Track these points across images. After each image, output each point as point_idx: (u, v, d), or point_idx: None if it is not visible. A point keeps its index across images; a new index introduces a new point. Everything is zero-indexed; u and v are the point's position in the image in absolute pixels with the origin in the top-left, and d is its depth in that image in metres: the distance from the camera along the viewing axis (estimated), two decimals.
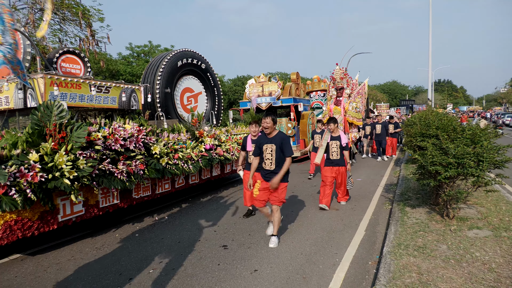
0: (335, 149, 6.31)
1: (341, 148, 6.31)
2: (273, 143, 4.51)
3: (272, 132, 4.58)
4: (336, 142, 6.30)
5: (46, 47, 14.09)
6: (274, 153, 4.50)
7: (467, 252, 3.86)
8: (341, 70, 11.17)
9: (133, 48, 31.52)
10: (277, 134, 4.58)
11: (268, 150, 4.54)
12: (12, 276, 3.96)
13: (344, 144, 6.27)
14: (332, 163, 6.38)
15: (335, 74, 11.17)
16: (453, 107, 52.72)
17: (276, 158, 4.51)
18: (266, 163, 4.56)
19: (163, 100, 9.88)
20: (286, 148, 4.46)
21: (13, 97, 6.31)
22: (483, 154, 4.45)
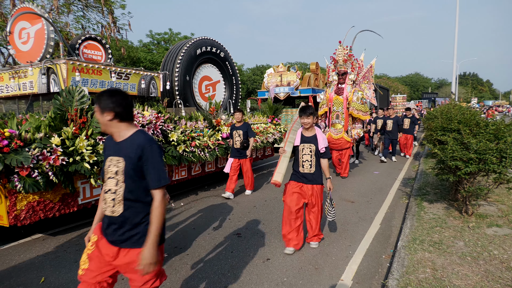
0: (308, 157, 4.05)
1: (317, 156, 4.07)
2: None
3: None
4: (310, 146, 4.03)
5: (69, 34, 14.36)
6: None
7: (485, 250, 3.78)
8: (345, 50, 8.56)
9: (153, 35, 31.81)
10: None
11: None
12: (33, 254, 4.12)
13: (322, 149, 4.03)
14: (302, 178, 4.09)
15: (337, 55, 8.59)
16: (477, 101, 51.09)
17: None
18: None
19: (181, 88, 9.95)
20: None
21: (37, 81, 6.49)
22: (506, 150, 4.31)
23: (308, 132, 4.09)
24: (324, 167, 4.10)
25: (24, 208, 4.07)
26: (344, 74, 8.50)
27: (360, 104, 8.33)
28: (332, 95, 8.53)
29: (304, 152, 4.05)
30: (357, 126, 8.70)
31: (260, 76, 39.86)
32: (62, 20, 15.20)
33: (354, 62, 8.64)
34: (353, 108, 8.34)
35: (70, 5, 15.54)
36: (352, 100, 8.31)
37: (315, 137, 4.05)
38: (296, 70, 13.77)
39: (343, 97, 8.35)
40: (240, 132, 6.61)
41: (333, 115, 8.44)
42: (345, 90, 8.37)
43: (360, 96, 8.34)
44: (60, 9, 14.55)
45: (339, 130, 8.26)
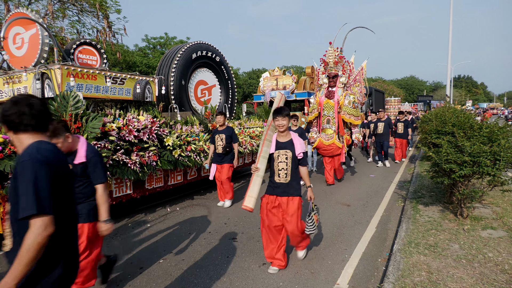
0: (283, 165, 3.61)
1: (294, 163, 3.62)
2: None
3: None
4: (286, 153, 3.59)
5: (64, 39, 14.32)
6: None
7: (480, 252, 3.79)
8: (335, 51, 7.99)
9: (149, 40, 31.81)
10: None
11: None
12: None
13: (300, 155, 3.61)
14: (277, 189, 3.67)
15: (328, 57, 8.04)
16: (472, 104, 51.47)
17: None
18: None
19: (177, 92, 9.95)
20: None
21: (31, 87, 6.45)
22: (500, 152, 4.34)
23: (283, 137, 3.66)
24: (303, 175, 3.71)
25: None
26: (335, 77, 7.99)
27: (351, 108, 7.84)
28: (322, 99, 8.03)
29: (280, 159, 3.60)
30: (355, 130, 8.32)
31: (256, 80, 39.94)
32: (57, 25, 15.17)
33: (345, 64, 8.20)
34: (344, 112, 7.84)
35: (65, 10, 15.53)
36: (343, 104, 7.85)
37: (291, 142, 3.62)
38: (291, 74, 13.80)
39: (334, 101, 7.87)
40: (222, 136, 6.23)
41: (324, 119, 7.97)
42: (336, 94, 7.89)
43: (352, 99, 7.89)
44: (55, 14, 14.52)
45: (330, 136, 7.78)
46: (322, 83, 8.24)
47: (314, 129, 8.25)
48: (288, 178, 3.61)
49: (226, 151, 6.19)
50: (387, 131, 10.74)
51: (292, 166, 3.60)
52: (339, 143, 7.72)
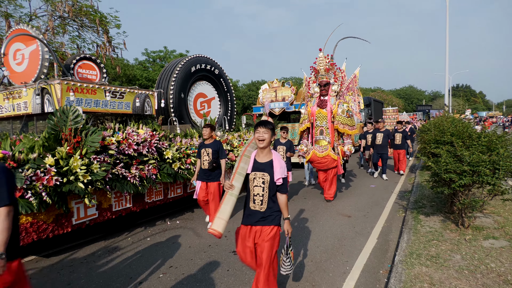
0: (259, 190, 3.01)
1: (272, 189, 3.00)
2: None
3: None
4: (263, 176, 2.99)
5: (64, 54, 14.47)
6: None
7: (482, 263, 3.76)
8: (326, 58, 7.49)
9: (148, 53, 32.10)
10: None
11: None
12: None
13: (279, 180, 2.97)
14: (251, 218, 3.07)
15: (318, 64, 7.54)
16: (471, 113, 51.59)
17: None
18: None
19: (176, 105, 10.00)
20: None
21: (31, 102, 6.50)
22: (499, 161, 4.34)
23: (263, 156, 3.04)
24: (281, 204, 3.04)
25: None
26: (327, 85, 7.49)
27: (346, 118, 7.36)
28: (314, 108, 7.54)
29: (256, 182, 3.01)
30: (347, 141, 7.71)
31: (255, 92, 40.15)
32: (58, 41, 15.34)
33: (336, 71, 7.70)
34: (338, 122, 7.34)
35: (66, 26, 15.72)
36: (337, 113, 7.36)
37: (271, 164, 2.99)
38: (290, 85, 13.90)
39: (327, 110, 7.39)
40: (209, 151, 5.76)
41: (317, 130, 7.49)
42: (329, 103, 7.43)
43: (346, 108, 7.41)
44: (55, 30, 14.71)
45: (324, 147, 7.30)
46: (313, 92, 7.74)
47: (304, 142, 7.82)
48: (264, 206, 3.00)
49: (212, 166, 5.70)
50: (386, 142, 10.28)
51: (270, 192, 2.99)
52: (334, 155, 7.28)
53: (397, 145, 11.03)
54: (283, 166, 3.00)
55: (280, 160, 3.04)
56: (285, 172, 3.00)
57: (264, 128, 2.98)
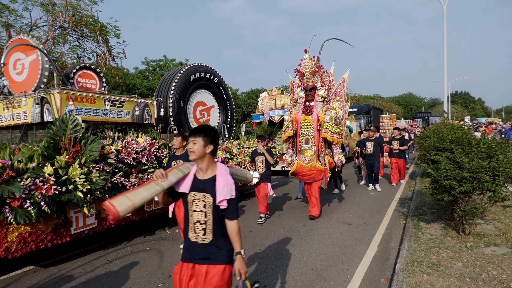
0: (200, 216, 2.30)
1: (216, 214, 2.29)
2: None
3: None
4: (204, 197, 2.30)
5: (64, 63, 14.55)
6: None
7: (484, 270, 3.73)
8: (312, 60, 6.77)
9: (148, 62, 32.29)
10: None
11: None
12: (24, 287, 4.01)
13: (223, 203, 2.26)
14: (195, 253, 2.32)
15: (303, 67, 6.80)
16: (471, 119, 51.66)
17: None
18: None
19: (176, 113, 10.02)
20: None
21: (30, 111, 6.51)
22: (499, 168, 4.33)
23: (204, 172, 2.32)
24: (231, 233, 2.28)
25: (15, 239, 3.99)
26: (313, 89, 6.76)
27: (334, 125, 6.60)
28: (299, 115, 6.77)
29: (195, 206, 2.27)
30: (337, 151, 6.93)
31: (255, 100, 40.25)
32: (58, 50, 15.43)
33: (323, 75, 6.98)
34: (326, 131, 6.58)
35: (66, 36, 15.83)
36: (324, 120, 6.60)
37: (213, 181, 2.27)
38: (290, 93, 13.96)
39: (313, 117, 6.65)
40: (180, 163, 4.78)
41: (302, 139, 6.73)
42: (315, 109, 6.69)
43: (334, 115, 6.66)
44: (55, 40, 14.80)
45: (310, 158, 6.55)
46: (298, 97, 6.99)
47: (289, 151, 7.15)
48: (209, 237, 2.26)
49: None
50: (377, 151, 9.61)
51: (215, 218, 2.26)
52: (321, 166, 6.57)
53: (396, 153, 10.45)
54: (229, 184, 2.26)
55: (226, 176, 2.29)
56: (232, 191, 2.25)
57: (194, 137, 2.30)
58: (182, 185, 2.33)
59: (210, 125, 2.46)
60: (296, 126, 6.84)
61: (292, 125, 6.91)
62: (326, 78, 7.04)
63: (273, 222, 6.43)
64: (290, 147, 7.18)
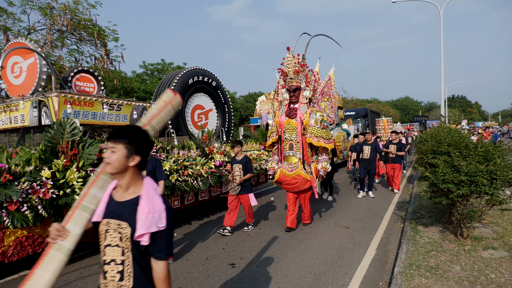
0: (116, 253, 1.63)
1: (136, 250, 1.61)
2: None
3: None
4: (119, 227, 1.61)
5: (62, 66, 14.54)
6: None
7: (482, 274, 3.74)
8: (296, 58, 6.15)
9: (146, 66, 32.27)
10: None
11: None
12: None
13: (143, 238, 1.56)
14: None
15: (286, 66, 6.23)
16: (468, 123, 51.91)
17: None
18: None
19: (174, 117, 10.00)
20: None
21: (28, 115, 6.49)
22: (496, 171, 4.35)
23: (123, 191, 1.69)
24: (156, 279, 1.65)
25: (12, 243, 3.97)
26: (297, 90, 6.22)
27: (319, 129, 6.06)
28: (282, 118, 6.23)
29: (109, 239, 1.66)
30: (322, 158, 6.25)
31: (253, 103, 40.31)
32: (56, 54, 15.43)
33: (308, 74, 6.36)
34: (311, 135, 6.05)
35: (64, 39, 15.83)
36: (309, 123, 6.07)
37: (134, 204, 1.62)
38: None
39: (297, 121, 6.11)
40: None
41: (286, 145, 6.21)
42: (299, 111, 6.14)
43: (319, 118, 6.12)
44: (54, 43, 14.81)
45: (294, 165, 6.05)
46: (282, 99, 6.46)
47: (274, 158, 6.56)
48: (128, 284, 1.63)
49: None
50: (374, 156, 9.06)
51: (135, 256, 1.63)
52: (306, 175, 6.01)
53: (391, 158, 9.91)
54: (157, 211, 1.60)
55: (154, 199, 1.64)
56: (160, 221, 1.60)
57: (112, 143, 1.65)
58: (97, 212, 1.70)
59: (140, 127, 1.81)
60: (279, 131, 6.31)
61: (276, 129, 6.37)
62: (311, 78, 6.45)
63: (271, 226, 6.42)
64: (276, 154, 6.59)
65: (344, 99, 42.27)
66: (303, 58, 6.24)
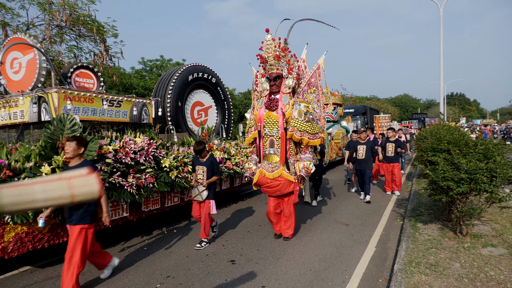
0: None
1: None
2: None
3: None
4: None
5: (61, 62, 14.47)
6: None
7: (481, 271, 3.75)
8: (276, 42, 5.24)
9: (145, 62, 32.15)
10: None
11: None
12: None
13: None
14: None
15: (265, 50, 5.34)
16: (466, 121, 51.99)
17: None
18: None
19: (173, 113, 10.00)
20: None
21: (28, 111, 6.47)
22: (496, 169, 4.36)
23: None
24: None
25: (12, 239, 3.96)
26: (278, 78, 5.37)
27: (304, 122, 5.23)
28: (262, 111, 5.41)
29: None
30: (305, 157, 5.39)
31: (251, 101, 40.27)
32: (55, 50, 15.37)
33: (291, 60, 5.55)
34: (293, 129, 5.20)
35: (63, 35, 15.76)
36: (291, 116, 5.24)
37: None
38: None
39: (278, 113, 5.26)
40: None
41: (266, 141, 5.40)
42: (280, 102, 5.29)
43: (304, 109, 5.29)
44: (52, 39, 14.74)
45: (275, 165, 5.27)
46: (262, 89, 5.59)
47: (253, 157, 5.75)
48: None
49: None
50: (370, 156, 8.20)
51: None
52: (288, 175, 5.23)
53: (389, 157, 9.07)
54: None
55: None
56: None
57: None
58: None
59: None
60: (259, 125, 5.46)
61: (255, 124, 5.56)
62: (295, 64, 5.65)
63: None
64: (255, 152, 5.75)
65: (343, 96, 42.27)
66: (285, 42, 5.41)
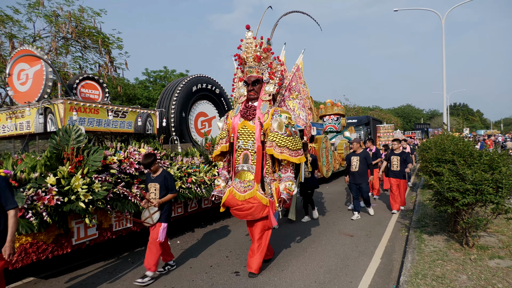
0: None
1: None
2: None
3: None
4: None
5: (67, 74, 14.64)
6: None
7: (489, 283, 3.71)
8: (257, 41, 4.46)
9: (149, 73, 32.44)
10: None
11: None
12: None
13: None
14: None
15: (245, 50, 4.52)
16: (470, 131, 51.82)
17: None
18: None
19: (177, 124, 10.04)
20: None
21: (34, 121, 6.53)
22: (502, 180, 4.34)
23: None
24: None
25: (16, 250, 3.96)
26: (257, 83, 4.57)
27: (284, 136, 4.34)
28: (236, 120, 4.63)
29: None
30: (286, 176, 4.51)
31: None
32: (60, 61, 15.55)
33: (274, 63, 4.68)
34: (272, 144, 4.33)
35: (69, 47, 15.97)
36: (270, 128, 4.42)
37: None
38: None
39: (255, 123, 4.47)
40: None
41: (239, 155, 4.57)
42: (258, 111, 4.50)
43: (285, 121, 4.42)
44: (58, 50, 14.93)
45: (248, 184, 4.43)
46: (239, 95, 4.76)
47: (223, 173, 4.97)
48: None
49: None
50: (365, 169, 7.51)
51: None
52: (263, 197, 4.35)
53: (394, 171, 8.22)
54: None
55: None
56: None
57: None
58: None
59: None
60: (231, 137, 4.68)
61: (228, 135, 4.74)
62: (278, 68, 4.73)
63: (275, 233, 6.39)
64: (226, 168, 4.98)
65: (346, 106, 42.34)
66: (268, 42, 4.63)
